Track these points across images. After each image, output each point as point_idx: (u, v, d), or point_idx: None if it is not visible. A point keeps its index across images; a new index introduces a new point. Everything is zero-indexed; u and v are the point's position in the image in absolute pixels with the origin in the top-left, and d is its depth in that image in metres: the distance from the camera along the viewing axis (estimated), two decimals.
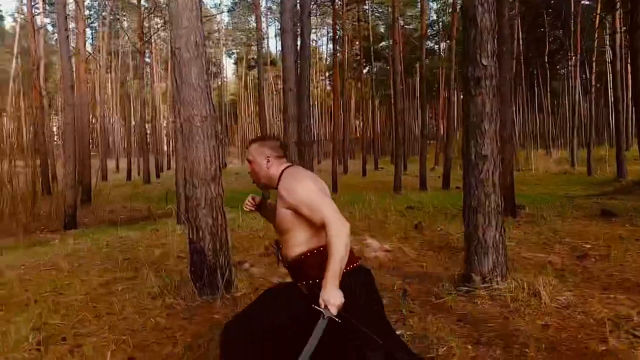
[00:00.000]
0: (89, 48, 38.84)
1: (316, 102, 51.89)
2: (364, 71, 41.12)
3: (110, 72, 40.75)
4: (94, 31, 39.79)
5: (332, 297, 1.78)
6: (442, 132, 34.09)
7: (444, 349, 2.78)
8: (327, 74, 49.14)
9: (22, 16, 31.41)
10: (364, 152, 29.03)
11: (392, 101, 20.06)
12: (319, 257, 1.95)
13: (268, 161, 2.20)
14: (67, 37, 11.71)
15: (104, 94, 38.85)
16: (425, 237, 6.45)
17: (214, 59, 48.09)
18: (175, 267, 4.93)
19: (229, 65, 73.81)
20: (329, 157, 23.74)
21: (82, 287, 4.44)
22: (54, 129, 38.07)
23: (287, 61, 8.90)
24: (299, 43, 11.77)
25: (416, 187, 16.36)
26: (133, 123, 36.38)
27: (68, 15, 21.44)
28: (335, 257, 1.82)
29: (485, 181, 3.56)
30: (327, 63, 47.41)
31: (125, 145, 35.98)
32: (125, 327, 3.33)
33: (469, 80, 3.50)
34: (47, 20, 35.11)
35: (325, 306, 1.77)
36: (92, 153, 29.11)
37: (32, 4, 23.01)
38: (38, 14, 29.56)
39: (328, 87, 48.74)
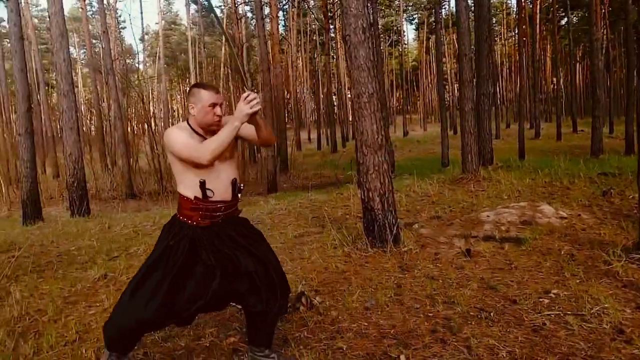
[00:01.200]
0: (281, 29, 42.56)
1: (504, 60, 48.38)
2: (562, 22, 36.76)
3: (300, 49, 44.09)
4: (284, 13, 43.31)
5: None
6: None
7: (597, 308, 2.86)
8: (516, 29, 45.18)
9: (228, 7, 35.98)
10: (558, 113, 26.40)
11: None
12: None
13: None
14: (263, 25, 13.26)
15: (295, 70, 42.38)
16: (613, 205, 6.00)
17: (394, 27, 48.19)
18: (353, 225, 5.62)
19: (410, 32, 72.95)
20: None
21: (280, 237, 5.47)
22: None
23: (461, 25, 8.79)
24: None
25: (622, 151, 14.55)
26: (321, 96, 39.02)
27: (263, 2, 23.85)
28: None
29: None
30: (517, 17, 43.49)
31: (315, 117, 38.94)
32: (312, 268, 4.11)
33: None
34: (247, 8, 39.47)
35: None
36: (287, 126, 32.36)
37: None
38: (240, 4, 33.51)
39: None
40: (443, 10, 38.63)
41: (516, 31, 44.63)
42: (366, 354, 2.55)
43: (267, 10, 25.46)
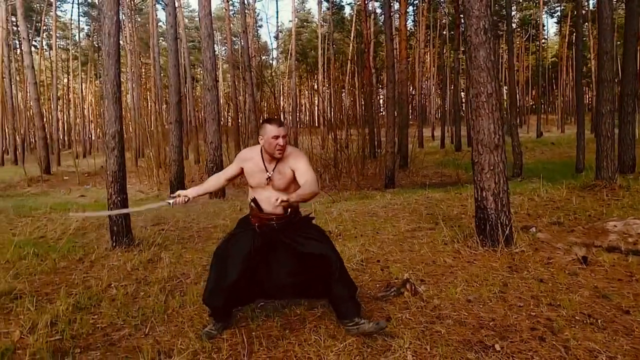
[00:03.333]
0: (410, 24, 42.15)
1: None
2: None
3: (429, 45, 43.30)
4: (414, 8, 42.82)
5: None
6: None
7: None
8: None
9: (358, 4, 36.61)
10: None
11: None
12: None
13: None
14: (391, 23, 13.44)
15: (422, 66, 41.72)
16: None
17: (532, 20, 45.04)
18: (467, 224, 5.65)
19: (552, 25, 67.42)
20: None
21: (392, 230, 5.71)
22: (380, 101, 43.34)
23: (603, 20, 8.14)
24: None
25: None
26: (448, 93, 37.99)
27: None
28: None
29: None
30: None
31: (440, 114, 38.10)
32: (420, 260, 4.30)
33: None
34: (377, 4, 39.75)
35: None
36: (410, 122, 32.06)
37: None
38: (370, 1, 33.94)
39: None
40: (590, 1, 35.15)
41: None
42: (463, 339, 2.71)
43: (396, 5, 25.53)
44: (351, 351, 2.62)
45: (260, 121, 3.11)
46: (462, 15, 28.64)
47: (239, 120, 24.15)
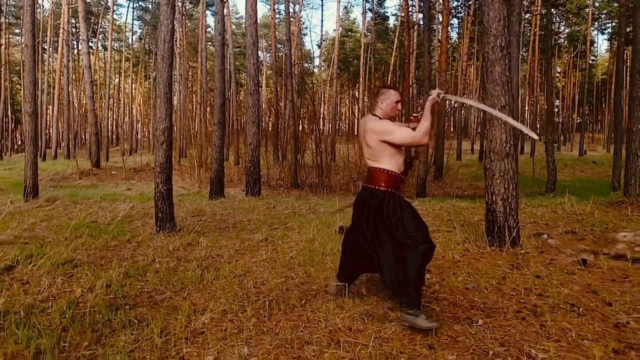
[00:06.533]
0: (454, 35, 42.09)
1: None
2: None
3: (473, 57, 43.06)
4: (459, 20, 42.73)
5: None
6: None
7: None
8: None
9: (402, 15, 36.94)
10: None
11: None
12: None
13: None
14: (429, 36, 13.77)
15: (465, 79, 41.53)
16: None
17: (580, 37, 44.10)
18: (483, 229, 5.97)
19: (602, 42, 65.51)
20: None
21: None
22: None
23: (637, 40, 8.25)
24: None
25: None
26: None
27: (437, 11, 24.08)
28: None
29: None
30: None
31: (480, 128, 37.76)
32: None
33: None
34: (420, 16, 39.95)
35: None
36: (451, 135, 31.92)
37: (410, 3, 27.11)
38: (414, 13, 34.23)
39: None
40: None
41: None
42: (453, 316, 3.12)
43: (440, 17, 25.75)
44: (355, 318, 3.07)
45: (381, 87, 3.36)
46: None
47: (279, 125, 24.89)
